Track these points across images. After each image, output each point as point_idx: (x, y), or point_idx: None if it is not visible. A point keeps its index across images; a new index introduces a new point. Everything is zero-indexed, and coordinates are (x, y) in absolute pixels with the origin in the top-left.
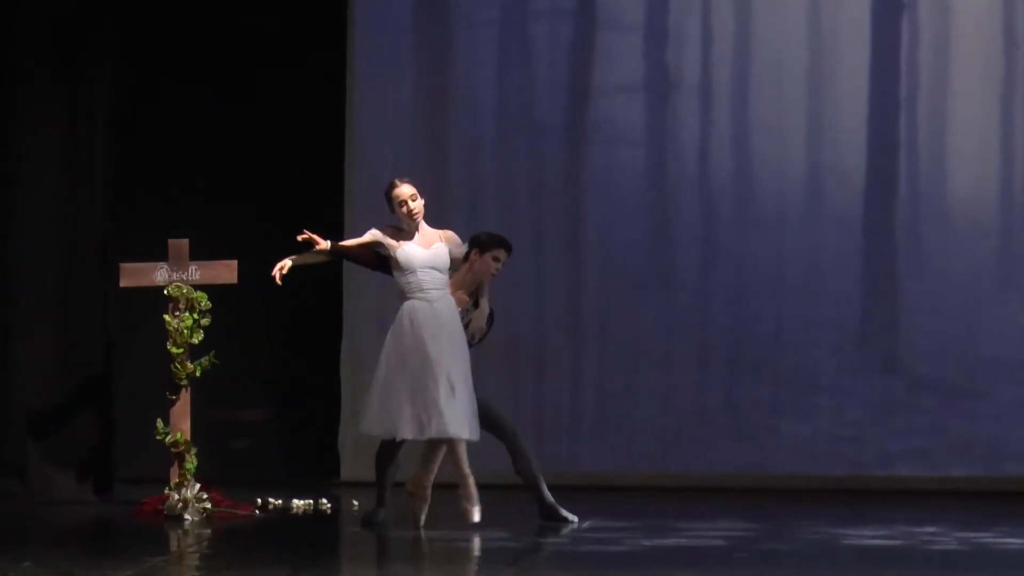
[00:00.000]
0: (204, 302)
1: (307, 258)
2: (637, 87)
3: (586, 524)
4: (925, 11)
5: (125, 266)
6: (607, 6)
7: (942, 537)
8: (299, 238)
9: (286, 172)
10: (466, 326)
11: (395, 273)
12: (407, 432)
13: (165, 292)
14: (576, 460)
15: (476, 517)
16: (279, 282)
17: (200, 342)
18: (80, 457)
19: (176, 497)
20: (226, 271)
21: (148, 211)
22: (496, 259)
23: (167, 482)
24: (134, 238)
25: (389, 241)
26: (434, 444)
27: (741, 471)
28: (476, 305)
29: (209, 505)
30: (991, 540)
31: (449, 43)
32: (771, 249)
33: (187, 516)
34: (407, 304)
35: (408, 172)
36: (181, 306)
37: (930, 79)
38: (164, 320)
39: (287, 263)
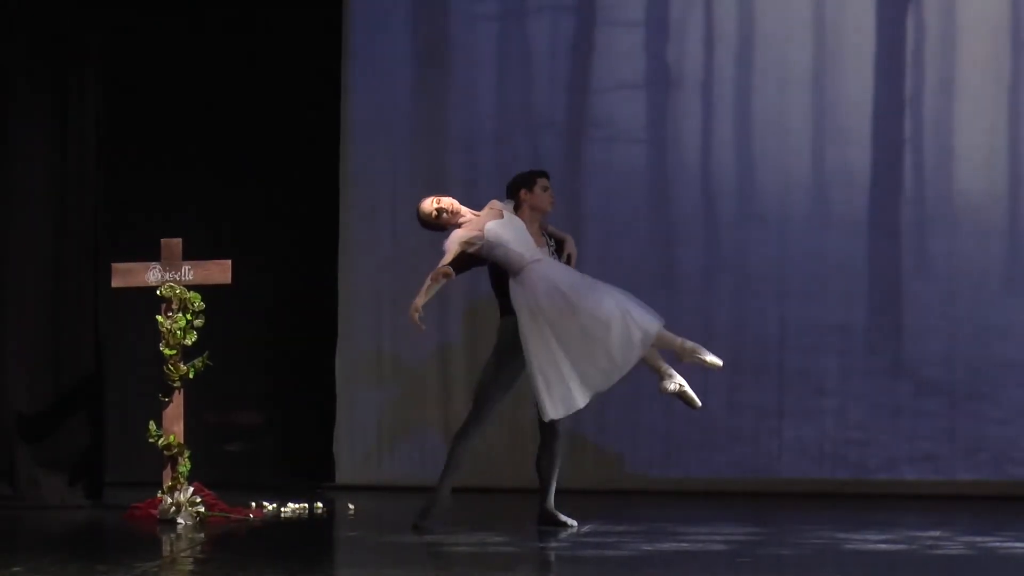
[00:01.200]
0: (197, 303)
1: (432, 289)
2: (638, 84)
3: (587, 528)
4: (931, 7)
5: (117, 266)
6: (608, 2)
7: (947, 542)
8: (437, 277)
9: (281, 170)
10: (567, 262)
11: (496, 254)
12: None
13: (158, 292)
14: (578, 464)
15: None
16: (423, 327)
17: (193, 343)
18: (71, 460)
19: (169, 501)
20: (220, 271)
21: (140, 210)
22: (544, 188)
23: (160, 486)
24: (126, 237)
25: (468, 234)
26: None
27: (744, 475)
28: (557, 241)
29: (203, 509)
30: (998, 544)
31: (448, 38)
32: (774, 249)
33: (180, 520)
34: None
35: (405, 168)
36: (174, 307)
37: (936, 77)
38: (157, 321)
39: (419, 304)
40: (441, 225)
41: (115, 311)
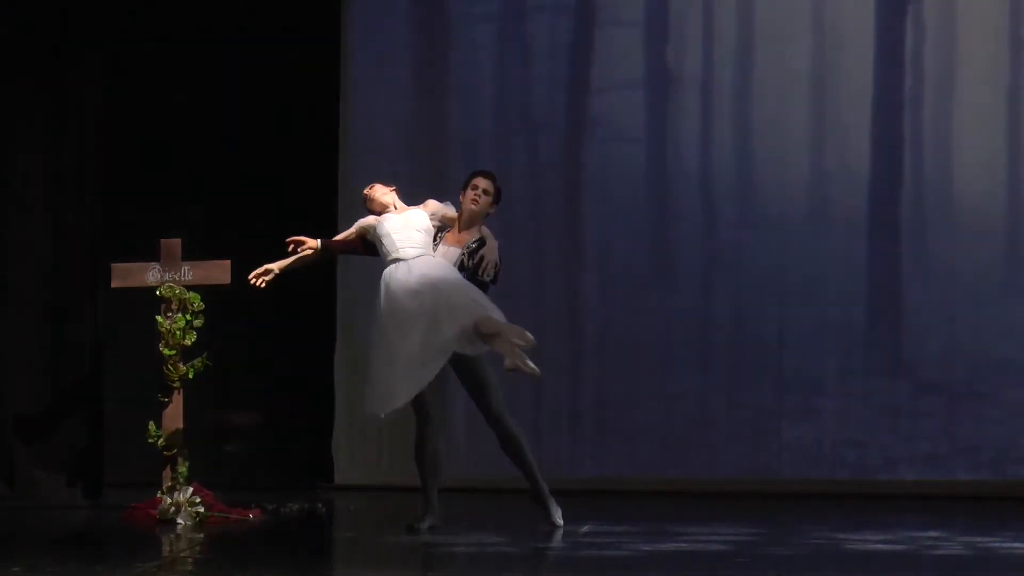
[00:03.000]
0: (197, 303)
1: (296, 262)
2: (637, 83)
3: (585, 528)
4: (930, 8)
5: (116, 266)
6: (607, 1)
7: (946, 542)
8: (287, 245)
9: (280, 169)
10: (478, 263)
11: (378, 246)
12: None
13: (157, 293)
14: (577, 464)
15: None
16: (260, 286)
17: (193, 343)
18: (70, 460)
19: (168, 501)
20: (220, 271)
21: (140, 210)
22: (473, 187)
23: (159, 486)
24: (126, 237)
25: (369, 221)
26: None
27: (743, 475)
28: (482, 243)
29: (202, 509)
30: (997, 545)
31: (447, 37)
32: (774, 249)
33: (179, 520)
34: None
35: (404, 169)
36: (173, 307)
37: (935, 76)
38: (156, 321)
39: (273, 268)
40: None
41: (114, 311)
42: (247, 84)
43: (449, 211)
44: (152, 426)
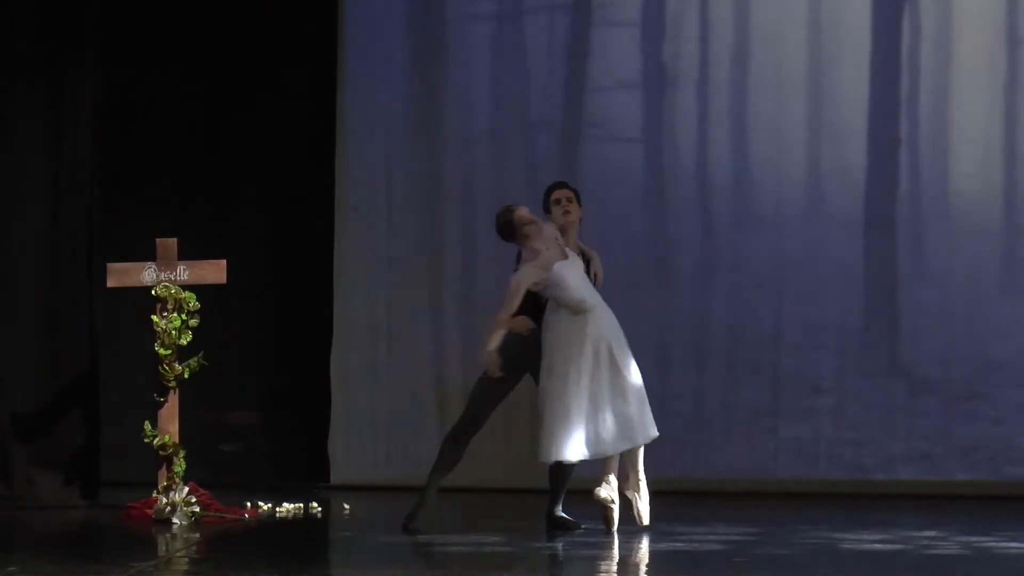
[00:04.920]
0: (193, 302)
1: (500, 335)
2: (634, 83)
3: (582, 528)
4: (927, 7)
5: (112, 266)
6: (603, 1)
7: (942, 542)
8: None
9: (277, 169)
10: (594, 280)
11: (555, 294)
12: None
13: (153, 292)
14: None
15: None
16: (499, 374)
17: (188, 343)
18: (66, 460)
19: (164, 501)
20: (215, 271)
21: (136, 210)
22: (556, 202)
23: (155, 485)
24: (122, 237)
25: (539, 275)
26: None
27: (740, 475)
28: (585, 259)
29: (198, 509)
30: (993, 544)
31: (443, 37)
32: (770, 248)
33: (175, 520)
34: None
35: (401, 167)
36: (169, 307)
37: (932, 76)
38: (152, 321)
39: (493, 350)
40: (516, 237)
41: (111, 311)
42: (246, 84)
43: (555, 232)
44: (148, 426)
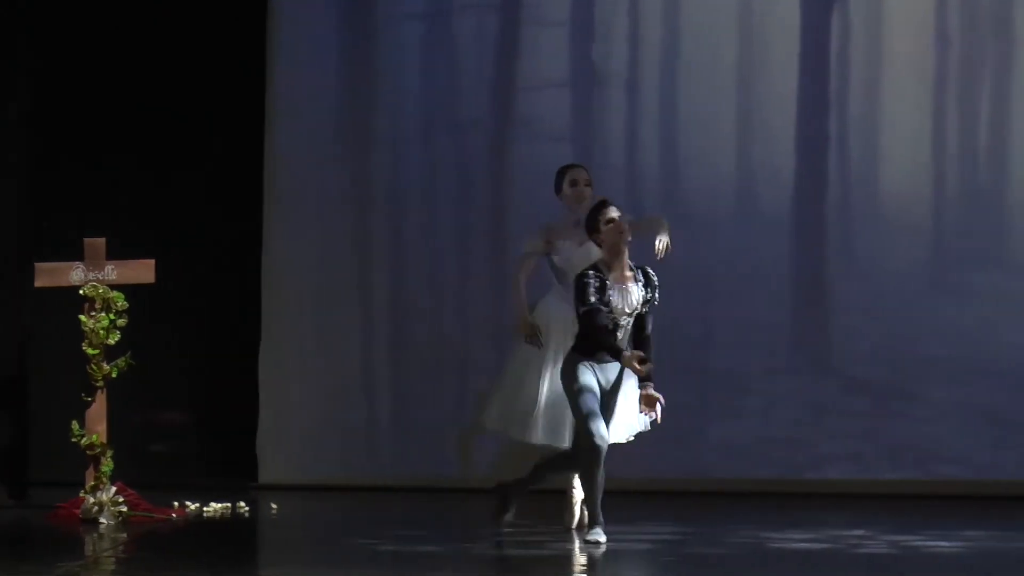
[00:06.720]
0: (121, 302)
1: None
2: (564, 82)
3: (508, 528)
4: (856, 7)
5: (40, 265)
6: (533, 0)
7: (870, 541)
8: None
9: (204, 169)
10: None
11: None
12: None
13: (81, 292)
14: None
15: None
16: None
17: (117, 343)
18: None
19: (92, 500)
20: (144, 270)
21: (64, 209)
22: (608, 222)
23: (83, 485)
24: (49, 237)
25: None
26: None
27: (669, 474)
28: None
29: (125, 508)
30: (920, 543)
31: (373, 36)
32: (699, 247)
33: (103, 520)
34: None
35: (330, 167)
36: (97, 306)
37: (861, 76)
38: (80, 320)
39: (526, 317)
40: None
41: (39, 311)
42: (175, 82)
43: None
44: (75, 425)
